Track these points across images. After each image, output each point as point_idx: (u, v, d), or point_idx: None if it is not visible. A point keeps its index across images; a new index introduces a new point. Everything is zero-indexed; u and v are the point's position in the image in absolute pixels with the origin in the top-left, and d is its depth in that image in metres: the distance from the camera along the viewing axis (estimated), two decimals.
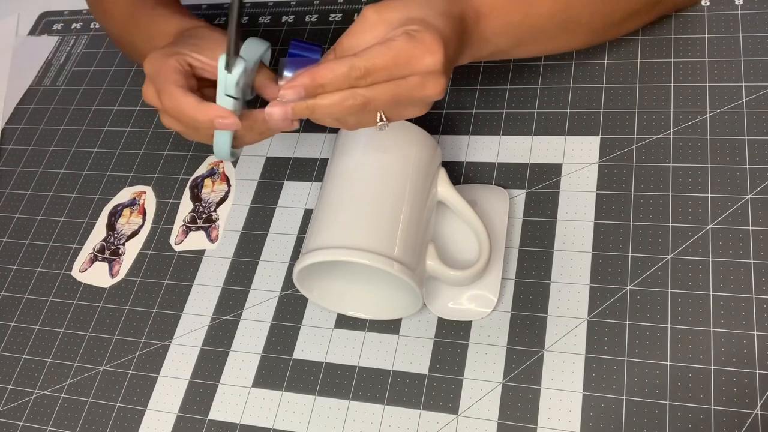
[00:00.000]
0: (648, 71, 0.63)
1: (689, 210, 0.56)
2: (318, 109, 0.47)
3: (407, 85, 0.47)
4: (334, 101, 0.46)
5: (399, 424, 0.53)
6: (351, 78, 0.46)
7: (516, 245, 0.58)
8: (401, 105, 0.48)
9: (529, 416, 0.51)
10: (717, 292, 0.52)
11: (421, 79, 0.47)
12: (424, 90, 0.48)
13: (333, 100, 0.46)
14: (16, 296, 0.68)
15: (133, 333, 0.62)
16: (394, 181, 0.53)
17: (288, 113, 0.47)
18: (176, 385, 0.59)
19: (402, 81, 0.47)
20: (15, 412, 0.61)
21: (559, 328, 0.54)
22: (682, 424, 0.49)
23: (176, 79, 0.54)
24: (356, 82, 0.46)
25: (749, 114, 0.58)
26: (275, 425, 0.55)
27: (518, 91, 0.65)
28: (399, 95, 0.47)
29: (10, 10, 0.92)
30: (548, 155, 0.61)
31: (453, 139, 0.64)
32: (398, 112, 0.49)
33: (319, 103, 0.47)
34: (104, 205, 0.71)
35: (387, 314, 0.57)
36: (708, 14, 0.64)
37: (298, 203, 0.65)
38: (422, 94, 0.48)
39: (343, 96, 0.46)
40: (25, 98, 0.82)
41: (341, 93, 0.46)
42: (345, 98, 0.46)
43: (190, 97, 0.53)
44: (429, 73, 0.47)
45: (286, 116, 0.48)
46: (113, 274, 0.66)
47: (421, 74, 0.47)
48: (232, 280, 0.62)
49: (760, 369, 0.49)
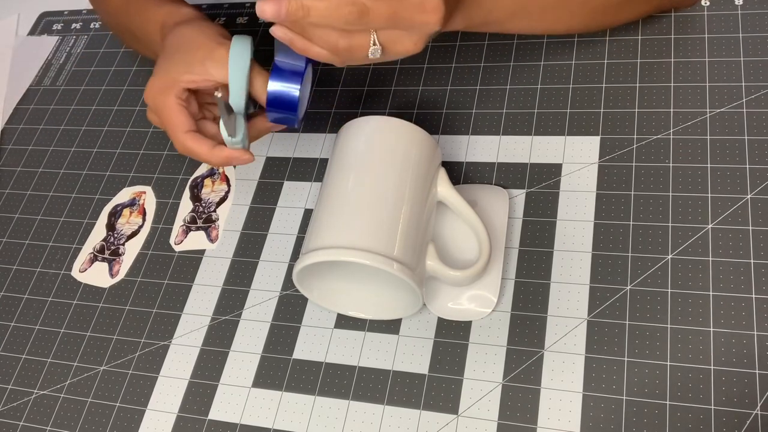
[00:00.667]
0: (648, 71, 0.63)
1: (689, 210, 0.56)
2: (313, 11, 0.44)
3: (408, 3, 0.45)
4: (331, 4, 0.44)
5: (399, 424, 0.53)
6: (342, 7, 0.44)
7: (516, 245, 0.58)
8: (398, 28, 0.47)
9: (529, 416, 0.51)
10: (717, 292, 0.52)
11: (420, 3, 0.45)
12: (423, 13, 0.46)
13: (330, 2, 0.44)
14: (16, 296, 0.68)
15: (133, 333, 0.62)
16: (394, 181, 0.53)
17: (282, 11, 0.44)
18: (176, 385, 0.59)
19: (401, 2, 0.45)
20: (15, 412, 0.61)
21: (559, 328, 0.54)
22: (682, 424, 0.49)
23: (182, 122, 0.55)
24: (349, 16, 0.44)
25: (749, 114, 0.58)
26: (275, 425, 0.55)
27: (518, 91, 0.65)
28: (398, 13, 0.45)
29: (10, 10, 0.92)
30: (548, 155, 0.61)
31: (453, 139, 0.64)
32: (393, 38, 0.47)
33: (315, 5, 0.44)
34: (104, 205, 0.71)
35: (387, 314, 0.57)
36: (708, 14, 0.64)
37: (298, 203, 0.65)
38: (421, 18, 0.46)
39: (340, 1, 0.44)
40: (25, 98, 0.82)
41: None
42: (343, 2, 0.44)
43: (202, 145, 0.55)
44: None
45: (278, 14, 0.45)
46: (113, 274, 0.66)
47: None
48: (232, 280, 0.62)
49: (760, 369, 0.49)
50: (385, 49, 0.48)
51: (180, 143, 0.56)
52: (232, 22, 0.80)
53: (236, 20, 0.80)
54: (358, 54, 0.48)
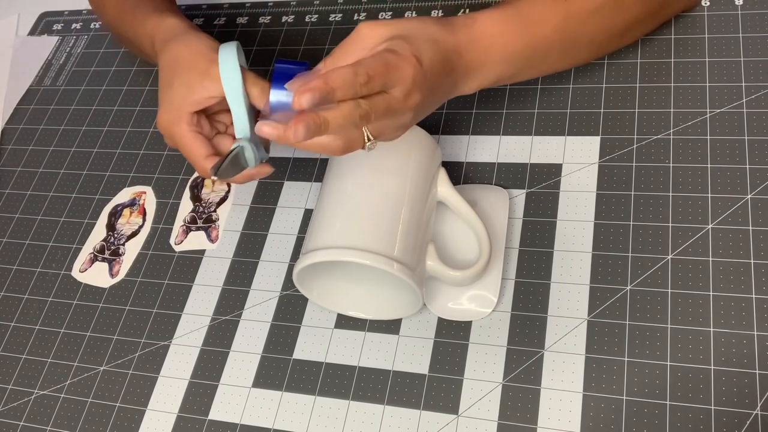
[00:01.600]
0: (648, 71, 0.63)
1: (689, 210, 0.56)
2: (332, 121, 0.46)
3: (395, 97, 0.48)
4: (345, 112, 0.46)
5: (399, 424, 0.53)
6: (356, 84, 0.46)
7: (516, 245, 0.58)
8: (389, 120, 0.49)
9: (529, 416, 0.51)
10: (717, 292, 0.52)
11: (404, 92, 0.48)
12: (407, 101, 0.48)
13: (344, 111, 0.46)
14: (16, 296, 0.68)
15: (133, 333, 0.62)
16: (394, 181, 0.53)
17: (299, 135, 0.45)
18: (176, 385, 0.59)
19: (391, 95, 0.48)
20: (15, 412, 0.61)
21: (559, 328, 0.54)
22: (682, 424, 0.49)
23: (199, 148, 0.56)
24: (360, 89, 0.46)
25: (749, 114, 0.58)
26: (275, 425, 0.55)
27: (518, 91, 0.65)
28: (390, 106, 0.48)
29: (10, 10, 0.92)
30: (548, 155, 0.61)
31: (453, 139, 0.64)
32: (385, 130, 0.50)
33: (330, 116, 0.46)
34: (104, 205, 0.71)
35: (387, 314, 0.57)
36: (708, 14, 0.64)
37: (298, 203, 0.65)
38: (405, 105, 0.49)
39: (352, 107, 0.46)
40: (25, 98, 0.82)
41: (349, 104, 0.46)
42: (353, 109, 0.46)
43: None
44: (412, 83, 0.48)
45: (296, 138, 0.45)
46: (113, 274, 0.66)
47: (404, 86, 0.48)
48: (232, 280, 0.62)
49: (760, 369, 0.49)
50: (379, 139, 0.50)
51: (202, 170, 0.57)
52: (232, 22, 0.80)
53: (236, 20, 0.80)
54: (355, 149, 0.50)
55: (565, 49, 0.57)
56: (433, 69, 0.50)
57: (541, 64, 0.58)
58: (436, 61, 0.50)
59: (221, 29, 0.80)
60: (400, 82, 0.48)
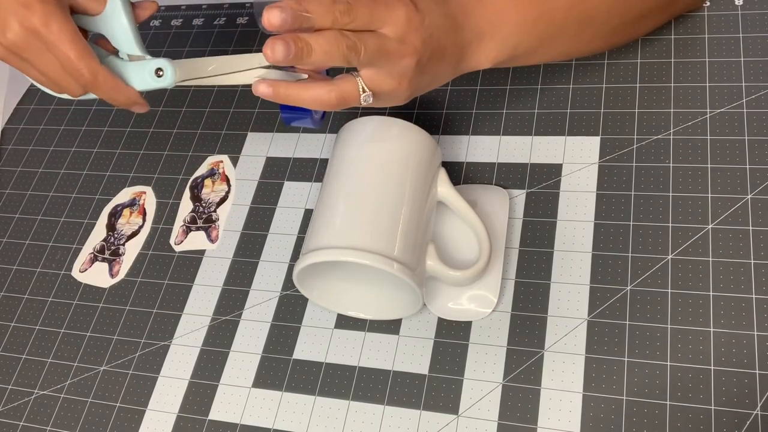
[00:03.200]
0: (648, 71, 0.63)
1: (689, 210, 0.56)
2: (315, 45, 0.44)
3: (388, 37, 0.46)
4: (330, 38, 0.44)
5: (399, 425, 0.53)
6: (335, 11, 0.44)
7: (516, 245, 0.58)
8: (384, 65, 0.47)
9: (529, 416, 0.51)
10: (717, 292, 0.52)
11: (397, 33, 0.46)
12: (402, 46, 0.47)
13: (328, 36, 0.44)
14: (16, 296, 0.68)
15: (133, 333, 0.62)
16: (394, 181, 0.53)
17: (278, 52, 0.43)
18: (176, 385, 0.59)
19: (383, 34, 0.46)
20: (15, 412, 0.61)
21: (559, 328, 0.54)
22: (682, 424, 0.49)
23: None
24: (341, 17, 0.44)
25: (749, 114, 0.58)
26: (275, 425, 0.55)
27: (518, 91, 0.65)
28: (383, 47, 0.46)
29: None
30: (548, 155, 0.61)
31: (453, 139, 0.64)
32: (381, 79, 0.48)
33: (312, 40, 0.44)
34: (104, 206, 0.71)
35: (387, 314, 0.57)
36: (708, 14, 0.64)
37: (298, 203, 0.65)
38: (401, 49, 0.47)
39: (336, 33, 0.44)
40: (25, 98, 0.82)
41: (333, 31, 0.44)
42: (338, 36, 0.44)
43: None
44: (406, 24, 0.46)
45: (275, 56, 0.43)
46: (113, 275, 0.66)
47: (396, 26, 0.46)
48: (232, 281, 0.62)
49: (760, 369, 0.49)
50: (373, 91, 0.49)
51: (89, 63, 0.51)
52: (233, 22, 0.80)
53: (236, 20, 0.80)
54: (351, 101, 0.48)
55: (579, 28, 0.56)
56: (433, 18, 0.48)
57: (556, 42, 0.56)
58: (437, 12, 0.48)
59: (221, 29, 0.80)
60: (390, 22, 0.46)
